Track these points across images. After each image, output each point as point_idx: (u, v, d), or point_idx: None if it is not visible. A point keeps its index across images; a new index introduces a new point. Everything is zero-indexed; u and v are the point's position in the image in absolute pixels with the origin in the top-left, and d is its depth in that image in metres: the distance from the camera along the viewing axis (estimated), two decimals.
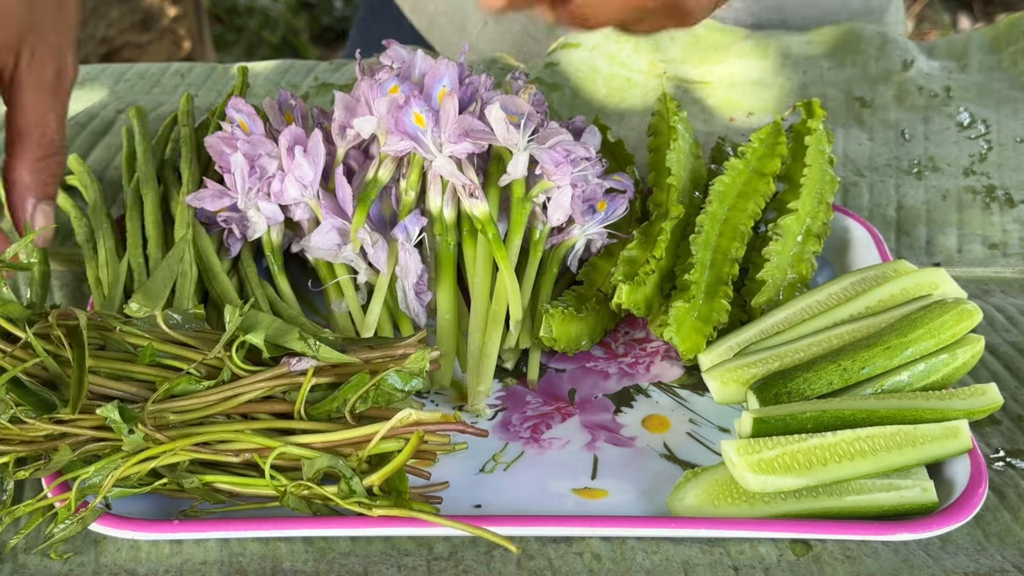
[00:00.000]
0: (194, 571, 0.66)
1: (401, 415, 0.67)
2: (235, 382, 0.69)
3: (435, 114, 0.80)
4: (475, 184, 0.81)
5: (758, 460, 0.68)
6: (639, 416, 0.79)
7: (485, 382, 0.78)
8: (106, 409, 0.65)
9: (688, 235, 0.85)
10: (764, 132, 0.94)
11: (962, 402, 0.73)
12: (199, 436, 0.67)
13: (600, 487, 0.73)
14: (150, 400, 0.67)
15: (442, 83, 0.82)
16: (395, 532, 0.68)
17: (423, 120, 0.80)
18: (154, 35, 2.72)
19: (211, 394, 0.68)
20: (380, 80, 0.82)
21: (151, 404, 0.67)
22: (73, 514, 0.65)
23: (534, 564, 0.67)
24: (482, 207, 0.81)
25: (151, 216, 0.86)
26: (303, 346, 0.70)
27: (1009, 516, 0.72)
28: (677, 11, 0.74)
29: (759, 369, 0.76)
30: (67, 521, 0.65)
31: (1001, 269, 0.96)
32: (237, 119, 0.87)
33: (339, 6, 3.33)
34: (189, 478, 0.67)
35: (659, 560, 0.67)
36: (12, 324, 0.69)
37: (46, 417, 0.66)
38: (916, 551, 0.68)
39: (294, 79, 1.19)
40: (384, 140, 0.82)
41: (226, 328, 0.70)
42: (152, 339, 0.70)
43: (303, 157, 0.82)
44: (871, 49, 1.21)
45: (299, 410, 0.69)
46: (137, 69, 1.22)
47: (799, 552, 0.68)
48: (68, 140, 0.98)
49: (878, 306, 0.79)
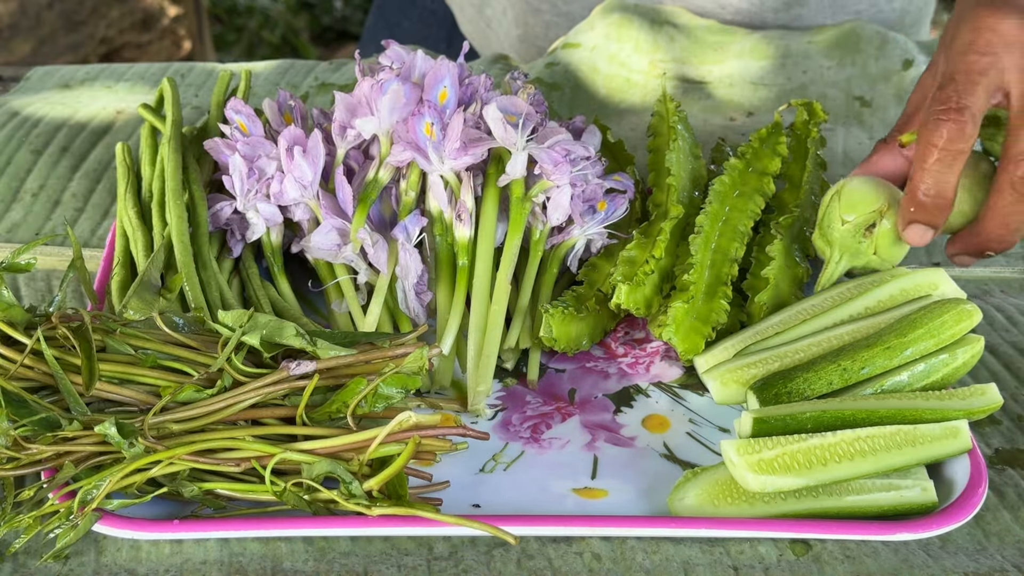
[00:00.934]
0: (194, 571, 0.66)
1: (400, 418, 0.67)
2: (236, 389, 0.69)
3: (445, 127, 0.80)
4: (465, 207, 0.81)
5: (758, 460, 0.68)
6: (639, 416, 0.79)
7: (485, 382, 0.78)
8: (104, 426, 0.65)
9: (688, 235, 0.85)
10: (764, 132, 0.94)
11: (962, 402, 0.73)
12: (199, 444, 0.67)
13: (600, 487, 0.73)
14: (151, 413, 0.67)
15: (442, 84, 0.82)
16: (395, 532, 0.68)
17: (433, 132, 0.80)
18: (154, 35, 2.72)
19: (213, 403, 0.68)
20: (381, 80, 0.82)
21: (152, 416, 0.67)
22: (68, 520, 0.66)
23: (534, 564, 0.67)
24: (464, 232, 0.81)
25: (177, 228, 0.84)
26: (301, 343, 0.69)
27: (1009, 516, 0.72)
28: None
29: (759, 369, 0.76)
30: (62, 525, 0.65)
31: (1001, 269, 0.96)
32: (236, 120, 0.87)
33: (339, 6, 3.33)
34: (189, 487, 0.67)
35: (659, 560, 0.67)
36: (13, 328, 0.69)
37: (49, 437, 0.66)
38: (916, 551, 0.68)
39: (294, 79, 1.19)
40: (386, 143, 0.83)
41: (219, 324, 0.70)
42: (153, 340, 0.70)
43: (302, 158, 0.82)
44: (871, 49, 1.21)
45: (301, 415, 0.69)
46: (137, 69, 1.22)
47: (799, 552, 0.68)
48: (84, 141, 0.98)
49: (878, 307, 0.80)
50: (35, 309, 0.72)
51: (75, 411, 0.67)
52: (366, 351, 0.71)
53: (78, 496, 0.66)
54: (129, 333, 0.70)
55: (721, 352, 0.79)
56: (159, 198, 0.86)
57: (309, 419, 0.70)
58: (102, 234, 0.96)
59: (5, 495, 0.68)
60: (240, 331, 0.68)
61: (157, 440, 0.67)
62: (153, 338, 0.71)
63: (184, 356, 0.70)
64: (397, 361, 0.70)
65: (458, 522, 0.65)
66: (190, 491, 0.67)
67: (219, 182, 0.89)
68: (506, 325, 0.81)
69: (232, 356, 0.69)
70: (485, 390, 0.78)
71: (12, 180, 1.02)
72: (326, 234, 0.83)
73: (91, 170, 1.04)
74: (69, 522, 0.66)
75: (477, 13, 1.36)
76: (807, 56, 1.20)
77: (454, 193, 0.82)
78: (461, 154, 0.80)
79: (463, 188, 0.82)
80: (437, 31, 1.43)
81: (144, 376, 0.70)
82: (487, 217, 0.82)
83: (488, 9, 1.34)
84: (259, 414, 0.70)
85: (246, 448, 0.68)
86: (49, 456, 0.66)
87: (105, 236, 0.96)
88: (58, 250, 0.95)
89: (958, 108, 0.74)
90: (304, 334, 0.69)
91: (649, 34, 1.20)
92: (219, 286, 0.82)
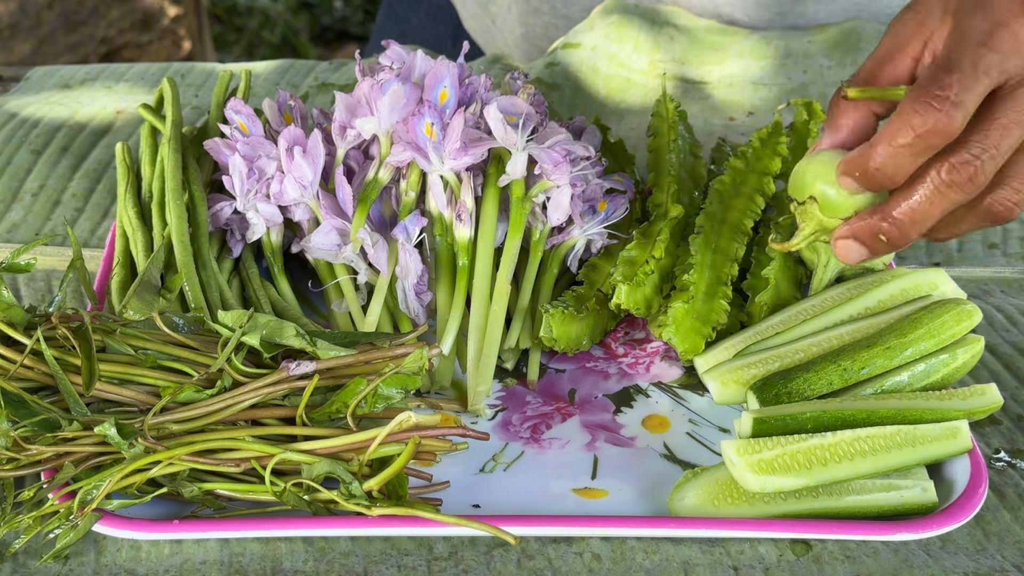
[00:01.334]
0: (194, 571, 0.66)
1: (400, 418, 0.67)
2: (235, 389, 0.69)
3: (445, 127, 0.80)
4: (465, 207, 0.81)
5: (758, 460, 0.68)
6: (639, 416, 0.79)
7: (485, 382, 0.78)
8: (104, 427, 0.65)
9: (688, 235, 0.85)
10: (764, 132, 0.94)
11: (962, 402, 0.73)
12: (199, 444, 0.67)
13: (600, 487, 0.73)
14: (151, 413, 0.67)
15: (442, 84, 0.82)
16: (395, 532, 0.68)
17: (433, 132, 0.80)
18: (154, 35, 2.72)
19: (213, 403, 0.68)
20: (381, 81, 0.82)
21: (152, 417, 0.67)
22: (68, 520, 0.66)
23: (534, 564, 0.67)
24: (464, 232, 0.81)
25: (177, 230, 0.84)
26: (301, 343, 0.69)
27: (1009, 516, 0.72)
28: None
29: (759, 370, 0.76)
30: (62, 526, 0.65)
31: (1001, 269, 0.96)
32: (236, 120, 0.87)
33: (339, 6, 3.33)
34: (189, 487, 0.67)
35: (659, 560, 0.67)
36: (13, 328, 0.69)
37: (49, 437, 0.66)
38: (916, 551, 0.68)
39: (294, 79, 1.19)
40: (386, 143, 0.83)
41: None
42: (153, 340, 0.70)
43: (302, 158, 0.82)
44: (871, 47, 1.20)
45: (301, 415, 0.69)
46: (137, 69, 1.22)
47: (799, 552, 0.68)
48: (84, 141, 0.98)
49: (878, 307, 0.80)
50: (35, 309, 0.72)
51: (75, 411, 0.67)
52: (366, 351, 0.71)
53: (78, 496, 0.66)
54: (129, 333, 0.70)
55: (721, 352, 0.79)
56: (159, 198, 0.86)
57: (309, 419, 0.70)
58: (102, 234, 0.96)
59: (5, 495, 0.68)
60: (240, 332, 0.68)
61: (157, 440, 0.67)
62: (153, 338, 0.71)
63: (184, 356, 0.70)
64: (397, 361, 0.70)
65: (458, 522, 0.65)
66: (190, 491, 0.67)
67: (219, 182, 0.89)
68: (506, 325, 0.81)
69: (232, 356, 0.69)
70: (485, 390, 0.78)
71: (12, 180, 1.02)
72: (326, 234, 0.83)
73: (91, 170, 1.04)
74: (69, 522, 0.66)
75: (482, 10, 1.36)
76: (807, 56, 1.20)
77: (454, 193, 0.82)
78: (461, 154, 0.80)
79: (463, 188, 0.82)
80: (444, 28, 1.43)
81: (144, 376, 0.70)
82: (487, 217, 0.82)
83: (493, 6, 1.34)
84: (259, 414, 0.70)
85: (246, 448, 0.68)
86: (49, 457, 0.66)
87: (105, 236, 0.96)
88: (58, 250, 0.95)
89: (955, 102, 0.68)
90: (304, 334, 0.69)
91: (649, 34, 1.20)
92: (219, 286, 0.82)
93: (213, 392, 0.69)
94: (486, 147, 0.81)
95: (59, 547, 0.66)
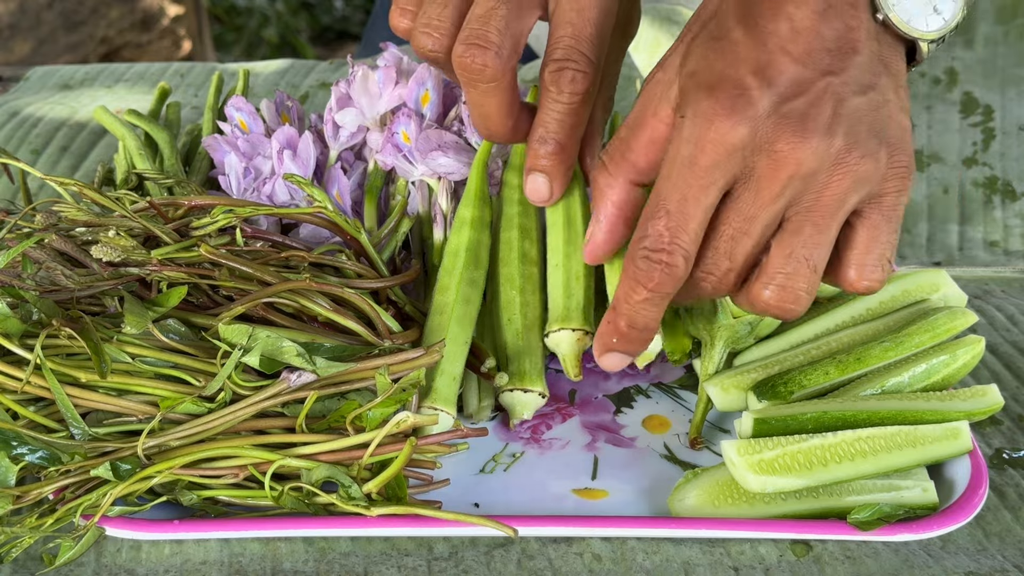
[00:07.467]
0: (194, 571, 0.66)
1: (398, 418, 0.67)
2: (235, 403, 0.68)
3: (423, 130, 0.82)
4: (440, 210, 0.81)
5: (759, 460, 0.68)
6: (639, 416, 0.79)
7: (487, 396, 0.78)
8: (101, 470, 0.65)
9: None
10: None
11: (963, 403, 0.73)
12: (198, 453, 0.67)
13: (600, 487, 0.73)
14: (143, 434, 0.67)
15: (425, 86, 0.83)
16: (395, 532, 0.67)
17: (408, 137, 0.81)
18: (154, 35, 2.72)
19: (212, 419, 0.68)
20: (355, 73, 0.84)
21: (148, 437, 0.67)
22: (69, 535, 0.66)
23: (534, 564, 0.67)
24: (438, 234, 0.82)
25: None
26: (301, 361, 0.69)
27: (1010, 516, 0.72)
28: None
29: (759, 375, 0.76)
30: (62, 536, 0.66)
31: (1002, 269, 0.96)
32: (236, 118, 0.87)
33: (339, 6, 3.33)
34: (188, 495, 0.67)
35: (659, 560, 0.67)
36: (9, 340, 0.68)
37: (53, 471, 0.66)
38: (917, 551, 0.68)
39: (294, 79, 1.19)
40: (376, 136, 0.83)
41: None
42: (151, 348, 0.70)
43: (292, 161, 0.83)
44: None
45: (300, 425, 0.69)
46: (137, 69, 1.22)
47: (799, 552, 0.68)
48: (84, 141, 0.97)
49: (879, 308, 0.80)
50: (30, 315, 0.70)
51: (73, 428, 0.67)
52: (364, 359, 0.71)
53: (77, 512, 0.66)
54: (126, 340, 0.69)
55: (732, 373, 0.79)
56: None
57: (308, 430, 0.70)
58: None
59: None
60: (240, 352, 0.68)
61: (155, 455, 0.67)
62: (150, 345, 0.71)
63: (182, 363, 0.70)
64: (395, 368, 0.69)
65: (458, 517, 0.65)
66: (189, 499, 0.67)
67: (215, 180, 0.89)
68: None
69: (232, 373, 0.69)
70: (489, 404, 0.78)
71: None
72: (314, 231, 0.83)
73: (91, 170, 1.04)
74: (71, 535, 0.66)
75: None
76: None
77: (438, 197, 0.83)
78: (438, 156, 0.81)
79: (440, 192, 0.82)
80: None
81: (143, 387, 0.69)
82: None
83: None
84: (259, 425, 0.69)
85: (245, 455, 0.67)
86: (51, 488, 0.67)
87: None
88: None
89: (670, 251, 0.63)
90: (303, 353, 0.69)
91: (650, 32, 1.20)
92: None
93: (213, 407, 0.69)
94: (462, 151, 0.81)
95: (60, 562, 0.66)
